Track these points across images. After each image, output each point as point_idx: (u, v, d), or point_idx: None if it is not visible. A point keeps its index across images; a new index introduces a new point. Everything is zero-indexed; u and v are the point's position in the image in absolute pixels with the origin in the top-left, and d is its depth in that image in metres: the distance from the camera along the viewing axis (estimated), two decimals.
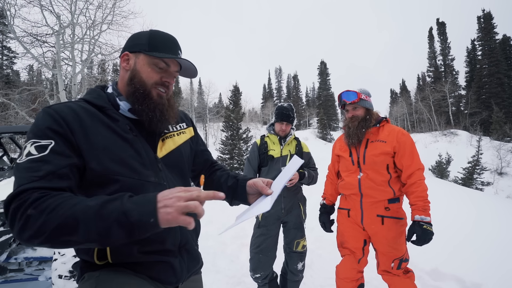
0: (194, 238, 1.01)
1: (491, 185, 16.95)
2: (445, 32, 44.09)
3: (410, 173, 1.84)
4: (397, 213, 1.91)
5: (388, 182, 1.88)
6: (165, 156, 0.94)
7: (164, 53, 0.90)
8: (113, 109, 0.88)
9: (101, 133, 0.80)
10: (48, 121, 0.76)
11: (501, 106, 34.21)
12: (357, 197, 1.97)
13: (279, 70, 67.86)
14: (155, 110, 0.89)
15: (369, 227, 1.94)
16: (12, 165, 3.39)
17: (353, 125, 1.98)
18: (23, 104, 13.14)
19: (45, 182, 0.68)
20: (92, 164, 0.77)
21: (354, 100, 1.97)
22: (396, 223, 1.89)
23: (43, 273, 2.43)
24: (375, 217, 1.91)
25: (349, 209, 2.04)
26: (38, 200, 0.64)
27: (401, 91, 54.43)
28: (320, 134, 35.71)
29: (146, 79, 0.89)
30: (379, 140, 1.94)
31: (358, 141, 1.97)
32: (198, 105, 39.04)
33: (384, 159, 1.89)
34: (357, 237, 2.00)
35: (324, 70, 53.57)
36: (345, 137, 2.06)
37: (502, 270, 2.85)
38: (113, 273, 0.80)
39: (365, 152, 1.95)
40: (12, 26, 9.15)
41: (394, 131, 1.95)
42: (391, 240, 1.87)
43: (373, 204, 1.92)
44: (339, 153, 2.14)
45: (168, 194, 0.65)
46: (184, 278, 0.94)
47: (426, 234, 1.68)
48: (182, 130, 1.06)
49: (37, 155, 0.71)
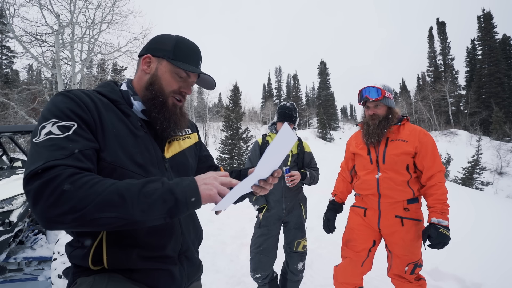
0: (195, 245, 0.99)
1: (491, 185, 16.96)
2: (445, 32, 44.09)
3: (431, 175, 1.78)
4: (416, 214, 1.84)
5: (408, 182, 1.82)
6: (171, 158, 0.93)
7: (188, 63, 0.90)
8: (126, 104, 0.88)
9: (114, 125, 0.80)
10: (70, 104, 0.74)
11: (501, 105, 34.22)
12: (375, 198, 1.90)
13: (279, 69, 67.88)
14: (170, 120, 0.90)
15: (387, 229, 1.87)
16: (12, 164, 3.38)
17: (374, 123, 1.89)
18: (23, 103, 13.13)
19: (72, 160, 0.65)
20: (104, 154, 0.75)
21: (377, 98, 1.86)
22: (415, 225, 1.82)
23: (43, 273, 2.42)
24: (393, 218, 1.84)
25: (366, 208, 1.97)
26: (74, 175, 0.62)
27: (401, 90, 54.44)
28: (320, 134, 35.69)
29: (165, 87, 0.90)
30: (400, 139, 1.86)
31: (378, 140, 1.89)
32: (197, 104, 39.00)
33: (404, 159, 1.81)
34: (367, 236, 1.93)
35: (324, 69, 53.52)
36: (364, 135, 1.96)
37: (502, 270, 2.85)
38: (107, 279, 0.77)
39: (385, 151, 1.87)
40: (11, 25, 9.13)
41: (415, 130, 1.88)
42: (409, 243, 1.80)
43: (392, 204, 1.85)
44: (356, 150, 2.04)
45: (204, 175, 0.74)
46: (184, 286, 0.91)
47: (442, 237, 1.63)
48: (187, 135, 1.06)
49: (61, 134, 0.68)
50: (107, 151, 0.76)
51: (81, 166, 0.66)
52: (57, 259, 2.09)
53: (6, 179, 2.44)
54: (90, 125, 0.74)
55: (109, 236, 0.77)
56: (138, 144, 0.83)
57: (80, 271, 0.79)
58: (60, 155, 0.65)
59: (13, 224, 2.14)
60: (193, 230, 0.97)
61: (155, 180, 0.68)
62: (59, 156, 0.64)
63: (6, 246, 2.13)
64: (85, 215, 0.60)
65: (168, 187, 0.67)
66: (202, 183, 0.71)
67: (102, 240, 0.77)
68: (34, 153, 0.65)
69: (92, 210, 0.60)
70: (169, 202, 0.65)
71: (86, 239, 0.78)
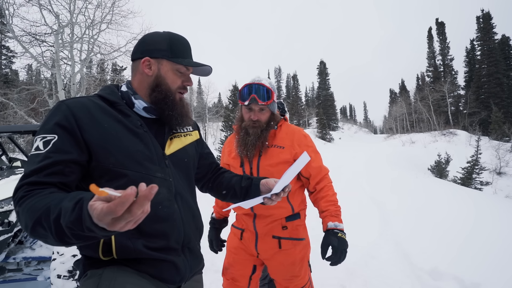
0: (197, 237, 1.02)
1: (490, 184, 16.97)
2: (444, 32, 44.11)
3: (319, 180, 1.57)
4: (296, 233, 1.58)
5: (287, 197, 1.54)
6: (172, 154, 0.96)
7: (184, 57, 0.95)
8: (125, 105, 0.91)
9: (111, 128, 0.82)
10: (57, 116, 0.78)
11: (500, 106, 34.25)
12: (250, 218, 1.60)
13: (278, 70, 67.97)
14: (182, 114, 0.96)
15: (265, 252, 1.58)
16: (11, 164, 3.38)
17: (255, 132, 1.53)
18: (22, 103, 13.10)
19: (36, 177, 0.72)
20: (100, 158, 0.79)
21: (267, 102, 1.50)
22: (295, 245, 1.57)
23: (42, 273, 2.42)
24: (270, 239, 1.56)
25: (243, 229, 1.65)
26: (22, 198, 0.69)
27: (400, 91, 54.51)
28: (319, 134, 35.72)
29: (171, 85, 0.94)
30: (276, 146, 1.55)
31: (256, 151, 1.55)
32: (197, 104, 38.99)
33: (282, 169, 1.47)
34: (245, 262, 1.65)
35: (323, 69, 53.57)
36: (239, 144, 1.58)
37: (502, 270, 2.85)
38: (116, 271, 0.80)
39: (259, 162, 1.55)
40: (10, 25, 9.12)
41: (293, 133, 1.61)
42: (289, 267, 1.55)
43: (269, 224, 1.56)
44: (228, 161, 1.69)
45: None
46: (188, 277, 0.94)
47: (342, 244, 1.37)
48: (188, 132, 1.09)
49: (41, 150, 0.74)
50: (103, 155, 0.79)
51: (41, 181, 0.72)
52: (56, 259, 2.09)
53: (6, 179, 2.44)
54: (74, 134, 0.78)
55: None
56: (137, 143, 0.85)
57: (90, 263, 0.83)
58: (31, 172, 0.72)
59: (12, 224, 2.14)
60: (193, 222, 0.99)
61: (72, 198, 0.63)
62: (28, 173, 0.72)
63: (5, 246, 2.13)
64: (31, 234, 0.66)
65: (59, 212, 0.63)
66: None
67: None
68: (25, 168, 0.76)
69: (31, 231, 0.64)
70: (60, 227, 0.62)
71: None
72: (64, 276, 2.03)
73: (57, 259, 2.08)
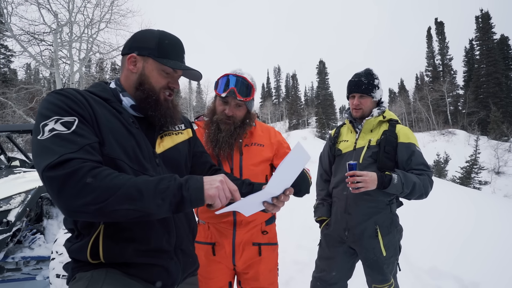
0: (190, 238, 1.00)
1: (489, 184, 17.03)
2: (443, 32, 44.18)
3: None
4: (273, 237, 1.51)
5: None
6: (162, 153, 0.94)
7: (172, 58, 0.91)
8: (117, 102, 0.90)
9: (109, 120, 0.82)
10: (67, 101, 0.76)
11: (498, 105, 34.33)
12: (229, 226, 1.42)
13: (277, 69, 67.96)
14: (166, 115, 0.94)
15: (244, 263, 1.43)
16: (9, 164, 3.37)
17: (227, 129, 1.38)
18: (21, 103, 13.06)
19: (84, 154, 0.69)
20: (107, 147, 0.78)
21: (246, 98, 1.37)
22: (274, 250, 1.50)
23: (41, 272, 2.42)
24: (250, 247, 1.43)
25: (214, 243, 1.44)
26: (94, 169, 0.67)
27: (399, 90, 54.58)
28: (318, 134, 35.73)
29: (155, 85, 0.91)
30: (256, 144, 1.46)
31: (230, 149, 1.40)
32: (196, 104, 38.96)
33: (264, 168, 1.41)
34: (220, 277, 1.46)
35: (323, 69, 53.61)
36: (210, 140, 1.41)
37: (500, 269, 2.86)
38: (105, 274, 0.79)
39: (242, 162, 1.41)
40: (9, 24, 9.09)
41: (268, 129, 1.55)
42: (268, 274, 1.46)
43: (249, 231, 1.44)
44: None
45: (214, 177, 0.77)
46: (180, 280, 0.92)
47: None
48: (180, 130, 1.07)
49: (67, 130, 0.70)
50: (104, 144, 0.78)
51: (92, 159, 0.70)
52: (55, 259, 2.08)
53: (4, 179, 2.43)
54: (88, 120, 0.77)
55: (107, 229, 0.79)
56: (131, 139, 0.85)
57: (79, 266, 0.82)
58: (71, 149, 0.67)
59: (11, 224, 2.13)
60: (186, 222, 0.98)
61: (167, 178, 0.73)
62: (71, 150, 0.67)
63: (4, 245, 2.13)
64: (106, 207, 0.65)
65: (178, 184, 0.72)
66: (208, 183, 0.74)
67: (100, 234, 0.79)
68: (44, 149, 0.67)
69: (112, 203, 0.65)
70: (177, 198, 0.71)
71: (85, 232, 0.80)
72: (63, 276, 2.02)
73: (56, 258, 2.08)
